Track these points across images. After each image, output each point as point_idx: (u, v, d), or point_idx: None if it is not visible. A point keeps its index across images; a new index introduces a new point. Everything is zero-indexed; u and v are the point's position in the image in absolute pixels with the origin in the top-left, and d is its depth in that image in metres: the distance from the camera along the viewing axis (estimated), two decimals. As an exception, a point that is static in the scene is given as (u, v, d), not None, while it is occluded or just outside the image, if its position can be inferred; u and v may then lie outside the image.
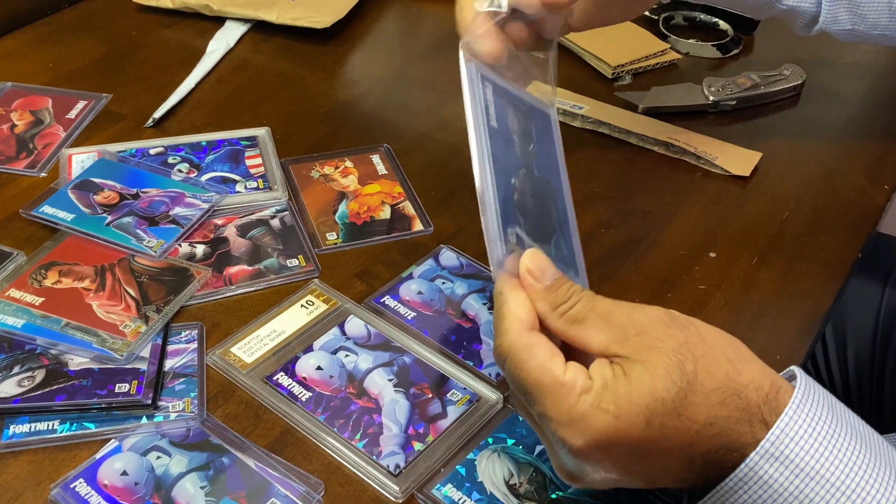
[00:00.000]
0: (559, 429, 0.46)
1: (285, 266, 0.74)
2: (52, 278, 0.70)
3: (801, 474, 0.45)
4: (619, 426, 0.45)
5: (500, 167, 0.53)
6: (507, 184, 0.54)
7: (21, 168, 0.83)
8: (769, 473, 0.45)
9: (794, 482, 0.45)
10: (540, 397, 0.46)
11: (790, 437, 0.45)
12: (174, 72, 0.98)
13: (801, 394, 0.46)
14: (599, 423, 0.45)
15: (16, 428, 0.60)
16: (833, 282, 0.76)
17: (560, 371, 0.46)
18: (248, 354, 0.66)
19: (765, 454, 0.45)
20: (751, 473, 0.45)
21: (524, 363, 0.47)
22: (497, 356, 0.50)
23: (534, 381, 0.47)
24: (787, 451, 0.45)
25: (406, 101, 0.98)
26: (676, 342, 0.46)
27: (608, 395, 0.45)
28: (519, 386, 0.48)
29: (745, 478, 0.45)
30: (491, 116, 0.55)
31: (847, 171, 0.88)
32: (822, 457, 0.45)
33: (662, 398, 0.45)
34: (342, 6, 1.08)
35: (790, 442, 0.45)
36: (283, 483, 0.57)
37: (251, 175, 0.83)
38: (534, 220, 0.55)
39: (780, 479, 0.45)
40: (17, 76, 0.96)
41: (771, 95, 0.96)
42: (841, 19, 0.82)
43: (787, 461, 0.45)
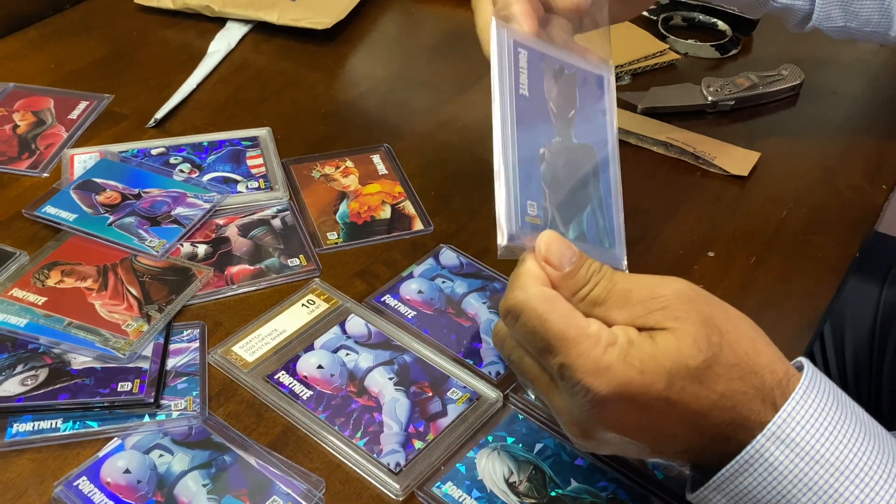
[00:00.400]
0: (584, 377, 0.45)
1: (286, 265, 0.74)
2: (54, 278, 0.70)
3: (806, 457, 0.46)
4: (643, 381, 0.45)
5: (525, 137, 0.53)
6: (532, 155, 0.54)
7: (23, 168, 0.84)
8: (774, 456, 0.46)
9: (799, 465, 0.45)
10: (564, 348, 0.46)
11: (796, 420, 0.46)
12: (175, 72, 0.99)
13: (808, 380, 0.47)
14: (625, 375, 0.45)
15: (19, 426, 0.60)
16: (831, 281, 0.76)
17: (584, 324, 0.46)
18: (250, 353, 0.66)
19: (771, 437, 0.46)
20: (756, 455, 0.46)
21: (546, 314, 0.47)
22: (509, 309, 0.48)
23: (558, 332, 0.46)
24: (792, 435, 0.46)
25: (406, 102, 0.98)
26: (703, 316, 0.47)
27: (634, 351, 0.46)
28: (537, 338, 0.47)
29: (751, 460, 0.46)
30: (521, 85, 0.55)
31: (845, 171, 0.89)
32: (828, 441, 0.46)
33: (687, 364, 0.45)
34: (343, 7, 1.08)
35: (796, 426, 0.46)
36: (284, 481, 0.58)
37: (252, 175, 0.84)
38: (565, 191, 0.55)
39: (784, 461, 0.46)
40: (19, 77, 0.96)
41: (769, 95, 0.97)
42: (833, 16, 0.83)
43: (793, 444, 0.45)
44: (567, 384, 0.47)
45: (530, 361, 0.50)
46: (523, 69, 0.56)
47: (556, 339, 0.46)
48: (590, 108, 0.60)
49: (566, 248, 0.50)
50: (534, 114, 0.55)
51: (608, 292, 0.48)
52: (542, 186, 0.53)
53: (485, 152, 0.89)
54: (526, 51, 0.57)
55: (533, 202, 0.52)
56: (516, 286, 0.49)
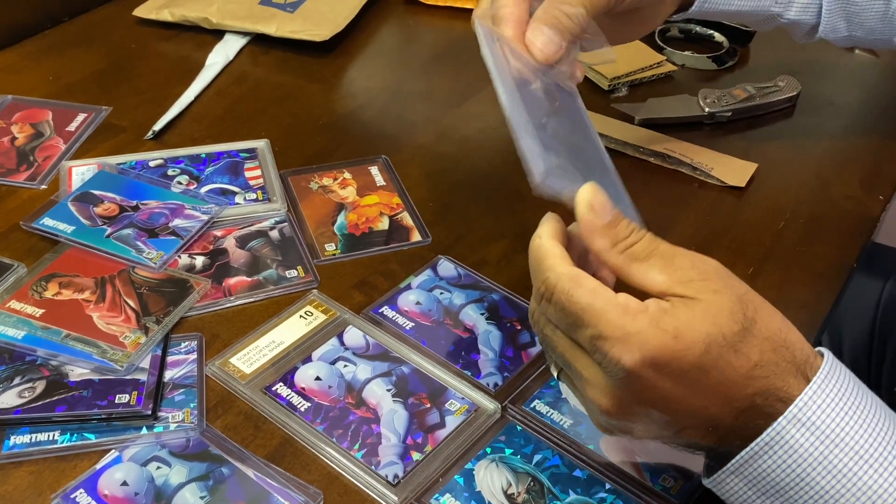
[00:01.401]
0: (614, 346, 0.45)
1: (284, 277, 0.74)
2: (52, 290, 0.70)
3: (826, 440, 0.46)
4: (677, 346, 0.45)
5: (528, 101, 0.54)
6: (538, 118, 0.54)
7: (21, 180, 0.84)
8: (795, 438, 0.46)
9: (819, 448, 0.46)
10: (593, 319, 0.46)
11: (817, 404, 0.46)
12: (174, 84, 0.99)
13: (829, 366, 0.47)
14: (657, 340, 0.45)
15: (16, 439, 0.60)
16: (829, 291, 0.76)
17: (611, 295, 0.46)
18: (248, 365, 0.66)
19: (792, 419, 0.46)
20: (777, 438, 0.46)
21: (573, 290, 0.47)
22: (542, 294, 0.49)
23: (585, 305, 0.46)
24: (813, 418, 0.46)
25: (404, 113, 0.99)
26: (739, 291, 0.47)
27: (668, 318, 0.45)
28: (568, 314, 0.47)
29: (772, 442, 0.46)
30: (512, 67, 0.57)
31: (842, 181, 0.89)
32: (847, 425, 0.46)
33: (724, 332, 0.45)
34: (341, 19, 1.09)
35: (817, 409, 0.46)
36: (282, 493, 0.58)
37: (250, 187, 0.84)
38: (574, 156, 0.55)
39: (805, 444, 0.46)
40: (17, 89, 0.96)
41: (766, 107, 0.97)
42: (839, 28, 0.83)
43: (814, 427, 0.46)
44: (600, 355, 0.46)
45: (564, 339, 0.50)
46: (508, 57, 0.58)
47: (584, 312, 0.46)
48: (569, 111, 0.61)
49: (608, 199, 0.49)
50: (527, 89, 0.57)
51: (651, 251, 0.48)
52: (555, 145, 0.53)
53: (483, 164, 0.90)
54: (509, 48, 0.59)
55: (549, 155, 0.52)
56: (545, 268, 0.49)
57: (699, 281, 0.47)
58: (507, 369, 0.67)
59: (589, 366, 0.49)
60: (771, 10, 0.81)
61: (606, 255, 0.49)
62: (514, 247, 0.79)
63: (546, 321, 0.51)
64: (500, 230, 0.81)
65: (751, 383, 0.46)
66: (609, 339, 0.45)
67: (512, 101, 0.54)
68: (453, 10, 1.17)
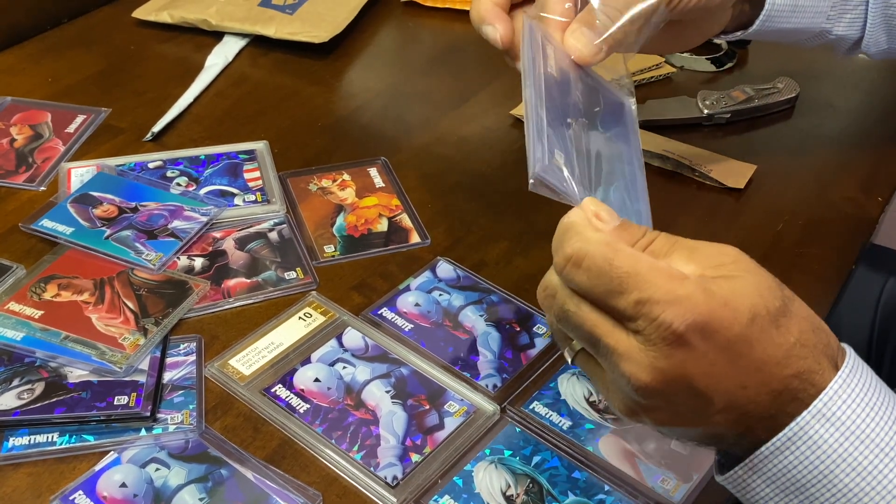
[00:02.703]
0: (666, 309, 0.43)
1: (283, 278, 0.74)
2: (51, 291, 0.70)
3: (851, 437, 0.45)
4: (725, 314, 0.44)
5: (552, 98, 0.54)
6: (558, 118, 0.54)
7: (20, 182, 0.84)
8: (819, 433, 0.45)
9: (843, 444, 0.45)
10: (639, 283, 0.44)
11: (842, 398, 0.45)
12: (173, 86, 0.99)
13: (852, 361, 0.47)
14: (707, 305, 0.43)
15: (15, 440, 0.60)
16: (827, 294, 0.76)
17: (654, 259, 0.45)
18: (247, 367, 0.66)
19: (816, 413, 0.45)
20: (801, 433, 0.45)
21: (613, 254, 0.45)
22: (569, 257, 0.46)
23: (629, 269, 0.44)
24: (838, 413, 0.45)
25: (403, 115, 0.99)
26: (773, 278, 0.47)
27: (715, 285, 0.44)
28: (606, 279, 0.45)
29: (794, 437, 0.45)
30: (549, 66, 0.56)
31: (841, 184, 0.89)
32: (873, 421, 0.45)
33: (767, 305, 0.45)
34: (340, 21, 1.09)
35: (842, 404, 0.45)
36: (281, 494, 0.58)
37: (249, 188, 0.84)
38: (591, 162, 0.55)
39: (829, 439, 0.45)
40: (16, 91, 0.96)
41: (765, 108, 0.97)
42: (881, 41, 0.83)
43: (839, 423, 0.45)
44: (645, 321, 0.44)
45: (591, 313, 0.47)
46: (550, 56, 0.57)
47: (628, 276, 0.44)
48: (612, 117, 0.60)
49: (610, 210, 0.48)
50: (560, 89, 0.56)
51: (671, 246, 0.47)
52: (569, 147, 0.53)
53: (481, 165, 0.90)
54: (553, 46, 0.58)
55: (561, 153, 0.51)
56: (573, 235, 0.46)
57: (730, 263, 0.46)
58: (506, 371, 0.67)
59: (624, 339, 0.46)
60: (822, 25, 0.80)
61: None
62: (514, 248, 0.79)
63: (568, 295, 0.47)
64: (499, 232, 0.81)
65: (790, 363, 0.45)
66: (659, 303, 0.43)
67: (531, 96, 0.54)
68: (452, 12, 1.18)
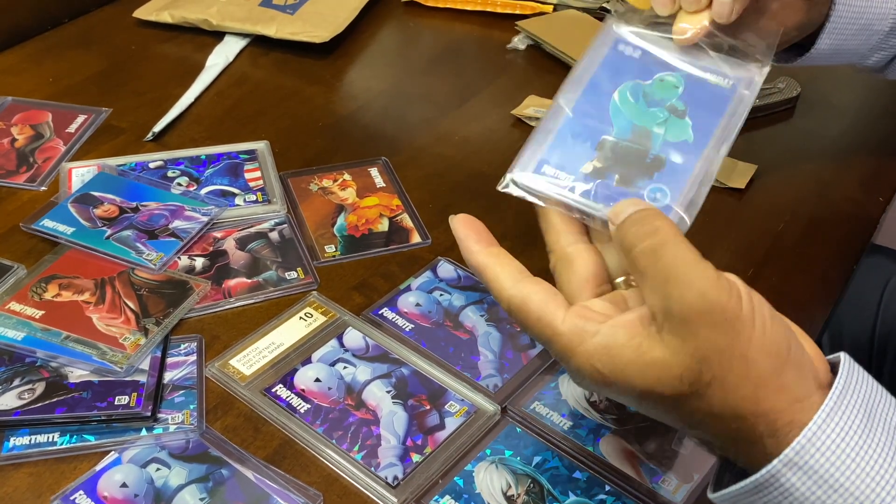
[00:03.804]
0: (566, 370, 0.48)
1: (284, 278, 0.74)
2: (52, 291, 0.70)
3: (825, 485, 0.43)
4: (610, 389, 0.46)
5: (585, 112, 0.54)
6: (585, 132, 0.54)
7: (21, 182, 0.84)
8: (791, 482, 0.44)
9: (817, 493, 0.43)
10: (547, 346, 0.48)
11: (816, 446, 0.43)
12: (173, 86, 0.99)
13: (834, 400, 0.44)
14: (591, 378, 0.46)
15: (16, 440, 0.60)
16: (828, 294, 0.76)
17: (558, 320, 0.47)
18: (247, 367, 0.66)
19: (788, 462, 0.43)
20: (771, 480, 0.44)
21: (524, 321, 0.48)
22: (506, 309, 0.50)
23: (537, 335, 0.48)
24: (811, 462, 0.43)
25: (404, 115, 0.99)
26: (711, 348, 0.43)
27: (606, 358, 0.45)
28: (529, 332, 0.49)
29: (766, 483, 0.44)
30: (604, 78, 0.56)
31: (842, 184, 0.89)
32: (849, 469, 0.43)
33: (662, 393, 0.44)
34: (341, 20, 1.09)
35: (815, 451, 0.43)
36: (281, 495, 0.58)
37: (250, 188, 0.84)
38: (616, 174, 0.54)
39: (801, 487, 0.43)
40: (17, 90, 0.97)
41: (766, 108, 0.97)
42: None
43: (811, 471, 0.43)
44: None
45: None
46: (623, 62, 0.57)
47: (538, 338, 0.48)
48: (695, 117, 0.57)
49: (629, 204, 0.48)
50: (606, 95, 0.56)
51: (649, 267, 0.45)
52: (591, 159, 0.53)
53: (482, 165, 0.90)
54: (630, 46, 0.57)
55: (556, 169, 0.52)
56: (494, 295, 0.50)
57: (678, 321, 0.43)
58: (506, 371, 0.67)
59: None
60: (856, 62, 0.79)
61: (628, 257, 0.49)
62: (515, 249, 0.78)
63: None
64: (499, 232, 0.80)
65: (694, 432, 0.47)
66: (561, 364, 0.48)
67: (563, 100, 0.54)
68: (453, 12, 1.18)
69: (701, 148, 0.56)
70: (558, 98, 0.55)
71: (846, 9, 0.73)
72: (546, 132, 0.54)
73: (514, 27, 1.12)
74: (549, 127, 0.54)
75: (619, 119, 0.55)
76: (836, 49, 0.76)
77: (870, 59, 0.80)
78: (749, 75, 0.58)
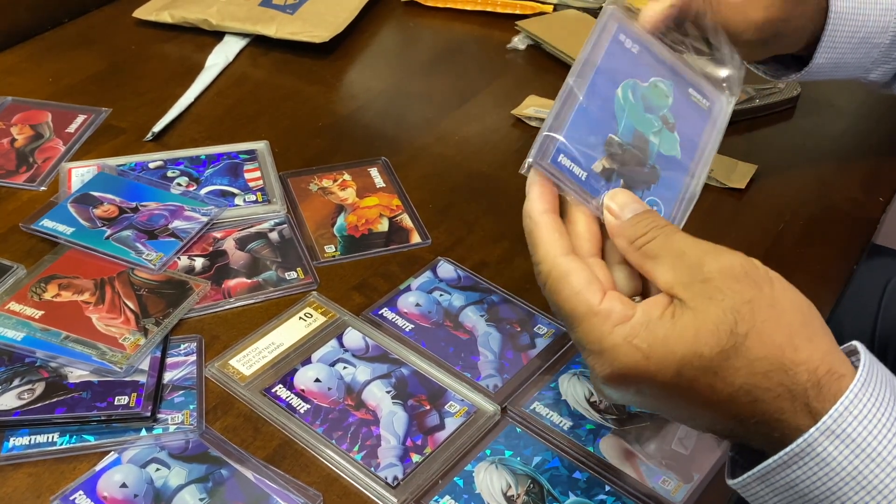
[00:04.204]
0: (589, 356, 0.47)
1: (284, 279, 0.74)
2: (51, 291, 0.70)
3: (862, 454, 0.43)
4: (648, 367, 0.45)
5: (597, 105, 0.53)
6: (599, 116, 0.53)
7: (21, 182, 0.84)
8: (828, 451, 0.44)
9: (854, 462, 0.44)
10: (574, 324, 0.47)
11: (853, 415, 0.43)
12: (173, 86, 0.99)
13: (866, 372, 0.45)
14: (628, 358, 0.45)
15: (15, 440, 0.60)
16: (829, 294, 0.76)
17: (595, 300, 0.46)
18: (247, 367, 0.66)
19: (826, 431, 0.43)
20: (808, 449, 0.44)
21: (560, 290, 0.47)
22: (538, 280, 0.50)
23: (569, 309, 0.47)
24: (849, 430, 0.43)
25: (404, 115, 0.99)
26: (738, 300, 0.44)
27: (644, 333, 0.45)
28: (557, 311, 0.49)
29: (802, 453, 0.44)
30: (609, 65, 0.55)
31: (842, 184, 0.89)
32: (885, 438, 0.44)
33: (702, 353, 0.44)
34: (340, 21, 1.09)
35: (853, 420, 0.43)
36: (281, 495, 0.58)
37: (250, 188, 0.84)
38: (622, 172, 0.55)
39: (838, 457, 0.44)
40: (17, 90, 0.96)
41: (766, 108, 0.97)
42: None
43: (849, 440, 0.43)
44: (583, 356, 0.48)
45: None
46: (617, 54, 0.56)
47: (568, 315, 0.47)
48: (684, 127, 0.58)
49: (632, 200, 0.51)
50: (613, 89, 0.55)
51: (662, 248, 0.48)
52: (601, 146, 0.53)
53: (482, 165, 0.90)
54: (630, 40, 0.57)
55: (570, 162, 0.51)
56: (537, 258, 0.49)
57: (698, 283, 0.46)
58: (506, 371, 0.67)
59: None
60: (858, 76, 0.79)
61: (626, 253, 0.49)
62: (514, 249, 0.79)
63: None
64: (499, 232, 0.81)
65: (734, 407, 0.45)
66: (585, 350, 0.47)
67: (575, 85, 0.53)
68: (452, 12, 1.18)
69: (686, 166, 0.57)
70: (570, 81, 0.54)
71: (843, 23, 0.72)
72: (561, 120, 0.52)
73: (514, 27, 1.12)
74: (564, 115, 0.53)
75: (622, 117, 0.55)
76: (836, 63, 0.76)
77: (873, 73, 0.79)
78: (720, 105, 0.59)
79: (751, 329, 0.44)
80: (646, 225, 0.49)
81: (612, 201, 0.51)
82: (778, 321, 0.45)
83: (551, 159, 0.51)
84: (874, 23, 0.74)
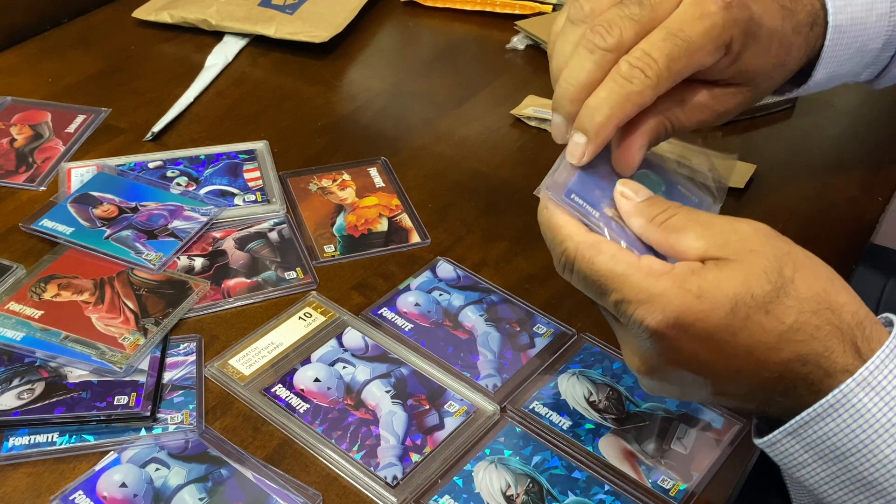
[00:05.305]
0: (638, 308, 0.45)
1: (283, 278, 0.74)
2: (51, 291, 0.70)
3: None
4: (702, 307, 0.44)
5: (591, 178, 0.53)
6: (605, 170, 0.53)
7: (20, 182, 0.84)
8: (863, 402, 0.44)
9: (888, 414, 0.44)
10: (616, 284, 0.46)
11: (889, 367, 0.44)
12: (173, 86, 0.99)
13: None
14: (680, 300, 0.44)
15: (15, 440, 0.60)
16: (827, 293, 0.76)
17: (633, 258, 0.46)
18: (247, 366, 0.66)
19: (861, 382, 0.44)
20: (843, 400, 0.44)
21: (594, 258, 0.47)
22: (563, 264, 0.49)
23: (607, 271, 0.47)
24: (884, 383, 0.44)
25: (403, 115, 0.99)
26: (779, 251, 0.46)
27: (693, 278, 0.45)
28: (592, 284, 0.48)
29: (837, 404, 0.45)
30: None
31: (841, 183, 0.89)
32: None
33: (753, 292, 0.44)
34: (340, 20, 1.09)
35: (888, 373, 0.44)
36: (281, 494, 0.58)
37: (249, 188, 0.84)
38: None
39: (873, 409, 0.44)
40: (16, 90, 0.96)
41: (765, 108, 0.97)
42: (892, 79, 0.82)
43: (883, 392, 0.44)
44: (625, 318, 0.47)
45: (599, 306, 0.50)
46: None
47: (605, 278, 0.47)
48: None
49: (641, 187, 0.51)
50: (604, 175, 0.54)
51: (689, 221, 0.48)
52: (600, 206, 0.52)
53: (481, 165, 0.90)
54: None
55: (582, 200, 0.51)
56: (560, 239, 0.49)
57: (736, 241, 0.46)
58: (505, 370, 0.67)
59: (619, 329, 0.50)
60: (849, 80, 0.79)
61: (645, 232, 0.49)
62: (514, 248, 0.79)
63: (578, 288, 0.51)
64: (499, 232, 0.81)
65: (786, 346, 0.45)
66: (632, 302, 0.46)
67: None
68: (452, 12, 1.18)
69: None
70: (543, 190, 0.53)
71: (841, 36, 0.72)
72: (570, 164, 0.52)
73: (514, 27, 1.12)
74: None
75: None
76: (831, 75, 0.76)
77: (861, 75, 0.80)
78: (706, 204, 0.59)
79: (795, 273, 0.45)
80: (662, 203, 0.49)
81: (624, 187, 0.51)
82: (816, 268, 0.47)
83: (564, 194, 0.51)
84: (869, 31, 0.74)
